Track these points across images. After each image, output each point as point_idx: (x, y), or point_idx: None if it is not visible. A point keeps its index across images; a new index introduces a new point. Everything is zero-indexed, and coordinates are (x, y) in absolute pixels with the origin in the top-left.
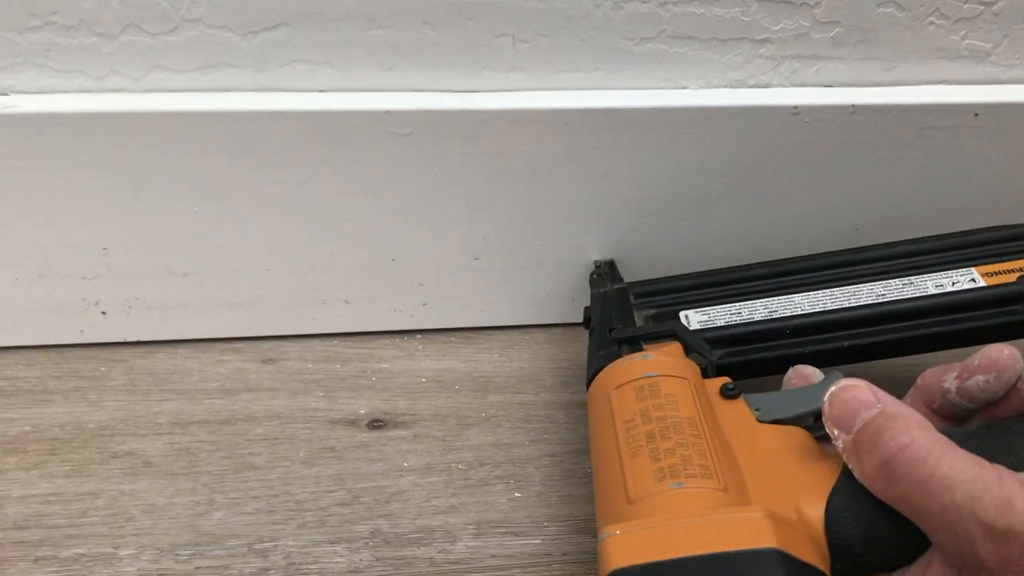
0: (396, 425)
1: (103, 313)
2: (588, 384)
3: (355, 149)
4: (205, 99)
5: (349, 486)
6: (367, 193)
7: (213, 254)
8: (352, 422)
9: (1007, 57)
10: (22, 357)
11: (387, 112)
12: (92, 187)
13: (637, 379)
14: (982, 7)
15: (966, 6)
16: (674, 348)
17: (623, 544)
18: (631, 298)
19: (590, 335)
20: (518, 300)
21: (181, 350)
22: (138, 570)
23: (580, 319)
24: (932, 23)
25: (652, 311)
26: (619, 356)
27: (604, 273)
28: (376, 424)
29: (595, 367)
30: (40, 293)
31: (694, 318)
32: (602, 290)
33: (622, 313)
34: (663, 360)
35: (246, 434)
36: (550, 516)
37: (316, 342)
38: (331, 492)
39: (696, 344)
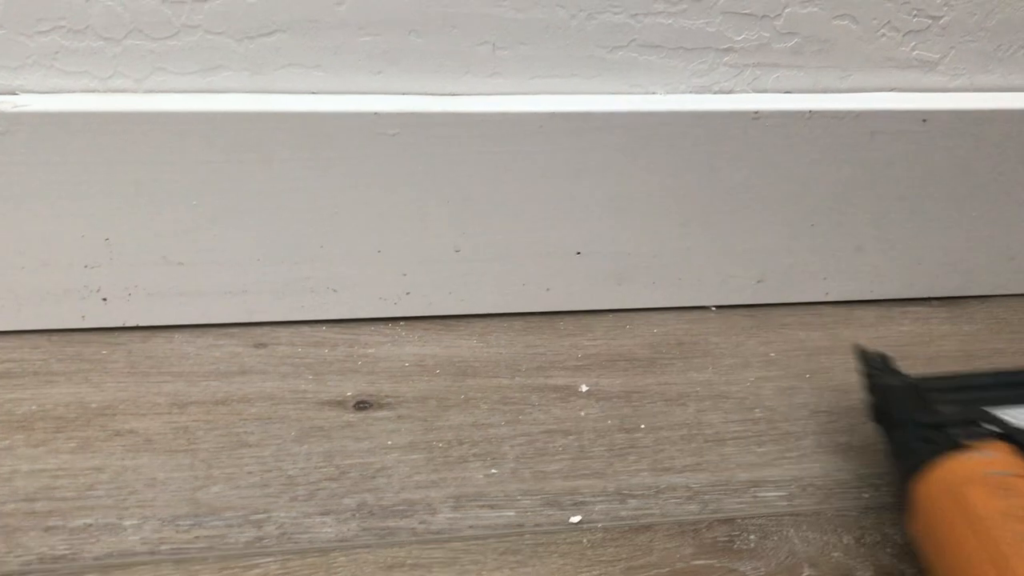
0: (381, 406)
1: (104, 299)
2: (907, 477)
3: (345, 148)
4: (203, 100)
5: (337, 462)
6: (355, 189)
7: (208, 245)
8: (340, 403)
9: (953, 67)
10: (27, 341)
11: (375, 114)
12: (96, 181)
13: (988, 476)
14: (930, 21)
15: (915, 20)
16: (1004, 447)
17: None
18: (925, 394)
19: (888, 429)
20: (496, 290)
21: (178, 335)
22: (141, 539)
23: (555, 308)
24: (884, 35)
25: (951, 408)
26: (953, 449)
27: (879, 366)
28: (362, 405)
29: (918, 459)
30: (44, 280)
31: (1018, 415)
32: (890, 383)
33: (925, 406)
34: (1008, 459)
35: (240, 414)
36: (523, 491)
37: (305, 328)
38: (320, 468)
39: None
